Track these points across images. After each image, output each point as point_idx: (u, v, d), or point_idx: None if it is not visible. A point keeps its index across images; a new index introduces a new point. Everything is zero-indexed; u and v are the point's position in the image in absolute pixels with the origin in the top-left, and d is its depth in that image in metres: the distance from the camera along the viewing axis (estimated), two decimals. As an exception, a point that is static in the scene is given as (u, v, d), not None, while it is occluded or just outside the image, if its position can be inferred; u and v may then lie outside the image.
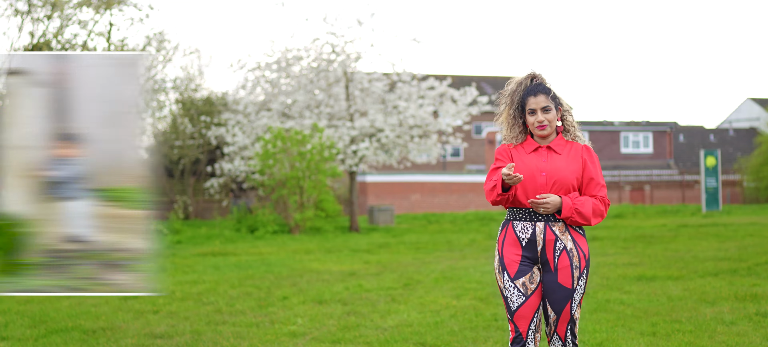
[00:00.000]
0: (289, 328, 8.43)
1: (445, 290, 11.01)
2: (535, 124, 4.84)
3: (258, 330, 8.35)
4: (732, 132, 62.07)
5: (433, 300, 10.10)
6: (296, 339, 7.96)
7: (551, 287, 4.79)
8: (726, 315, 8.42)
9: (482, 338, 7.77)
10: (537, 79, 4.94)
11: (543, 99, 4.84)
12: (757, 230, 20.32)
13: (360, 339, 7.83)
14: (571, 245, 4.77)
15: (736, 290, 10.07)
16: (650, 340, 7.41)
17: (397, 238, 22.14)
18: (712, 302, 9.33)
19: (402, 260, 15.63)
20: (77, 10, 23.14)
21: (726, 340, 7.29)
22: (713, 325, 7.98)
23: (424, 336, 7.92)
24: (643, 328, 7.95)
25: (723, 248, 15.76)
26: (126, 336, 8.17)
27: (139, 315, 9.33)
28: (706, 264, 13.07)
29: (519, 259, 4.80)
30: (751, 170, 43.69)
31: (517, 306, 4.78)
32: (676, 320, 8.32)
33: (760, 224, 22.97)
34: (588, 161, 4.86)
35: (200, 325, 8.63)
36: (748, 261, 13.18)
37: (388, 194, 40.90)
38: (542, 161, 4.82)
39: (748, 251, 15.01)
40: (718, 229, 21.74)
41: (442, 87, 28.33)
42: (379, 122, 26.83)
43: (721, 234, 19.68)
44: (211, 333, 8.21)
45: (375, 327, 8.42)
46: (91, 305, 10.08)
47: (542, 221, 4.77)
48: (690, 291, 10.24)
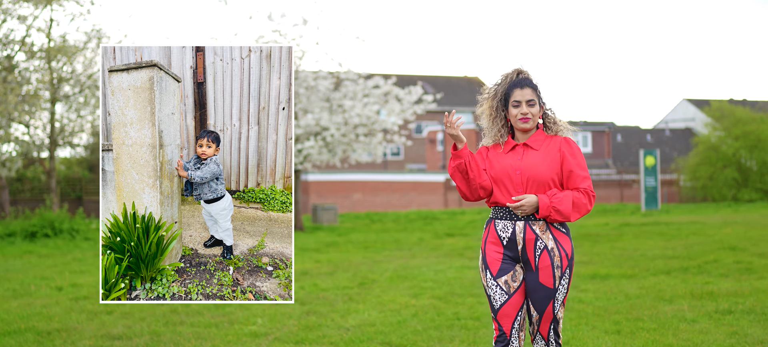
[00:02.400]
0: (250, 328, 8.29)
1: (401, 289, 10.95)
2: (519, 116, 4.77)
3: (218, 331, 8.20)
4: (668, 132, 63.07)
5: (391, 299, 10.04)
6: (258, 339, 7.83)
7: (533, 286, 4.75)
8: (686, 313, 8.49)
9: (448, 337, 7.72)
10: (523, 73, 4.90)
11: (529, 92, 4.79)
12: (699, 229, 20.62)
13: (324, 340, 7.73)
14: (552, 244, 4.72)
15: (691, 288, 10.18)
16: (615, 339, 7.42)
17: (344, 237, 22.03)
18: (669, 300, 9.41)
19: (352, 259, 15.54)
20: (16, 4, 22.65)
21: (690, 338, 7.34)
22: (675, 323, 8.04)
23: (388, 335, 7.85)
24: (607, 327, 7.97)
25: (669, 247, 15.95)
26: (82, 337, 7.96)
27: (92, 316, 9.12)
28: (657, 263, 13.20)
29: (501, 257, 4.75)
30: (688, 170, 44.40)
31: (500, 305, 4.73)
32: (637, 318, 8.37)
33: (701, 223, 23.32)
34: (566, 153, 4.79)
35: (158, 326, 8.45)
36: (697, 260, 13.34)
37: (330, 193, 40.77)
38: (517, 159, 4.77)
39: (695, 249, 15.21)
40: (660, 227, 22.02)
41: (387, 86, 28.28)
42: (325, 121, 26.69)
43: (665, 233, 19.93)
44: (170, 334, 8.04)
45: (337, 327, 8.33)
46: (41, 306, 9.83)
47: (522, 220, 4.72)
48: (646, 289, 10.32)
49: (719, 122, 44.87)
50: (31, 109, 23.27)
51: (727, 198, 42.05)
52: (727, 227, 20.86)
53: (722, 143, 43.79)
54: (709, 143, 44.08)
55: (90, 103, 25.70)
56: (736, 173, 42.49)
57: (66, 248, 18.53)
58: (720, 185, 42.46)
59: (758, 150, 42.50)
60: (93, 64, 24.69)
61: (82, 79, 24.43)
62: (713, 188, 42.65)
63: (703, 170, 43.20)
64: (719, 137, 44.19)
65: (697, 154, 44.36)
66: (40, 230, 20.37)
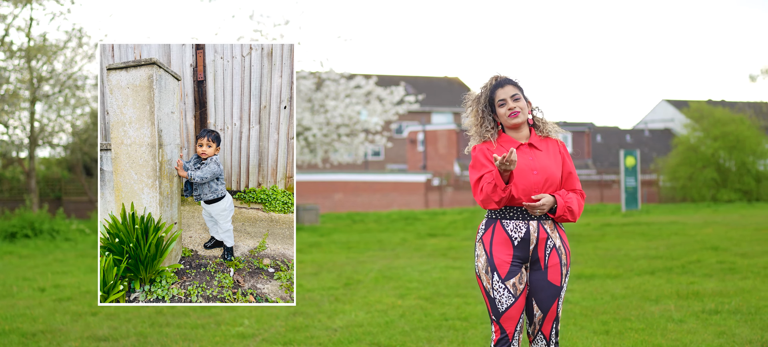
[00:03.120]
0: (237, 329, 8.24)
1: (387, 289, 10.93)
2: (507, 113, 4.76)
3: (205, 332, 8.14)
4: (647, 133, 63.38)
5: (377, 299, 10.01)
6: (246, 340, 7.79)
7: (540, 285, 4.72)
8: (674, 313, 8.51)
9: (436, 338, 7.70)
10: (501, 77, 4.90)
11: (511, 88, 4.79)
12: (680, 229, 20.70)
13: (312, 340, 7.69)
14: (559, 242, 4.72)
15: (676, 288, 10.20)
16: (604, 339, 7.43)
17: (326, 237, 21.97)
18: (655, 300, 9.43)
19: (336, 259, 15.50)
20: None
21: (679, 338, 7.35)
22: (663, 323, 8.05)
23: (376, 336, 7.82)
24: (595, 327, 7.98)
25: (652, 247, 16.00)
26: (68, 339, 7.89)
27: (77, 317, 9.04)
28: (640, 263, 13.24)
29: (510, 260, 4.69)
30: (668, 170, 44.58)
31: (506, 308, 4.67)
32: (625, 318, 8.38)
33: (681, 223, 23.41)
34: (565, 155, 4.85)
35: (144, 327, 8.38)
36: (680, 260, 13.39)
37: (311, 193, 40.69)
38: (529, 158, 4.74)
39: (677, 249, 15.26)
40: (641, 228, 22.09)
41: (369, 85, 28.27)
42: (307, 121, 26.65)
43: (646, 233, 19.99)
44: (157, 336, 7.98)
45: (324, 328, 8.29)
46: (25, 307, 9.74)
47: (535, 219, 4.70)
48: (631, 289, 10.34)
49: (698, 122, 45.04)
50: (11, 109, 23.08)
51: (707, 198, 42.25)
52: (708, 228, 20.96)
53: (701, 144, 43.99)
54: (689, 143, 44.26)
55: (70, 103, 25.51)
56: (715, 173, 42.69)
57: (47, 248, 18.38)
58: (699, 185, 42.66)
59: (737, 151, 42.72)
60: (73, 64, 24.51)
61: (62, 79, 24.23)
62: (693, 189, 42.84)
63: (682, 171, 43.39)
64: (698, 137, 44.38)
65: (676, 154, 44.54)
66: (21, 230, 20.20)
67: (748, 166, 42.65)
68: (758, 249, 14.67)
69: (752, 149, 42.81)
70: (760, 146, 43.11)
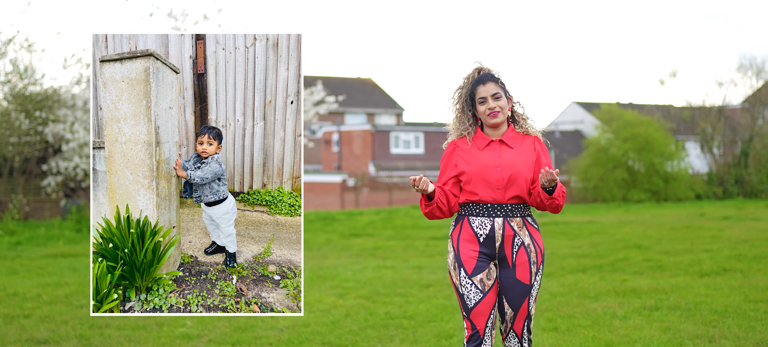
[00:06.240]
0: (180, 330, 8.06)
1: (324, 289, 10.84)
2: (487, 112, 4.77)
3: (148, 334, 7.95)
4: (558, 134, 64.36)
5: (316, 299, 9.91)
6: (192, 341, 7.62)
7: (509, 283, 4.73)
8: (616, 310, 8.63)
9: (386, 337, 7.67)
10: (484, 70, 4.90)
11: (492, 86, 4.79)
12: (599, 229, 21.05)
13: (260, 341, 7.57)
14: (528, 240, 4.72)
15: (612, 285, 10.36)
16: (554, 336, 7.49)
17: (248, 238, 21.74)
18: (594, 297, 9.56)
19: (264, 260, 15.32)
20: None
21: (627, 334, 7.46)
22: (608, 319, 8.16)
23: (325, 335, 7.74)
24: (542, 324, 8.04)
25: (576, 246, 16.23)
26: (4, 343, 7.61)
27: (9, 320, 8.74)
28: (569, 261, 13.41)
29: (476, 255, 4.71)
30: (579, 171, 45.33)
31: (474, 303, 4.68)
32: (570, 315, 8.47)
33: (599, 223, 23.82)
34: (541, 152, 4.84)
35: (83, 329, 8.14)
36: (607, 258, 13.61)
37: (226, 194, 40.23)
38: (495, 155, 4.75)
39: (600, 248, 15.51)
40: (560, 227, 22.39)
41: (289, 85, 28.07)
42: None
43: (567, 232, 20.28)
44: (99, 337, 7.75)
45: (269, 328, 8.17)
46: (-48, 310, 9.38)
47: (501, 216, 4.70)
48: (567, 287, 10.46)
49: (608, 124, 45.91)
50: None
51: (617, 199, 43.11)
52: (626, 227, 21.37)
53: (611, 145, 44.85)
54: (599, 145, 45.11)
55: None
56: (626, 174, 43.60)
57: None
58: (610, 185, 43.50)
59: (646, 152, 43.71)
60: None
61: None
62: (604, 189, 43.67)
63: (593, 172, 44.19)
64: (608, 139, 45.25)
65: (587, 156, 45.35)
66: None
67: (656, 167, 43.66)
68: (679, 247, 15.02)
69: (661, 151, 43.86)
70: (668, 148, 44.21)
